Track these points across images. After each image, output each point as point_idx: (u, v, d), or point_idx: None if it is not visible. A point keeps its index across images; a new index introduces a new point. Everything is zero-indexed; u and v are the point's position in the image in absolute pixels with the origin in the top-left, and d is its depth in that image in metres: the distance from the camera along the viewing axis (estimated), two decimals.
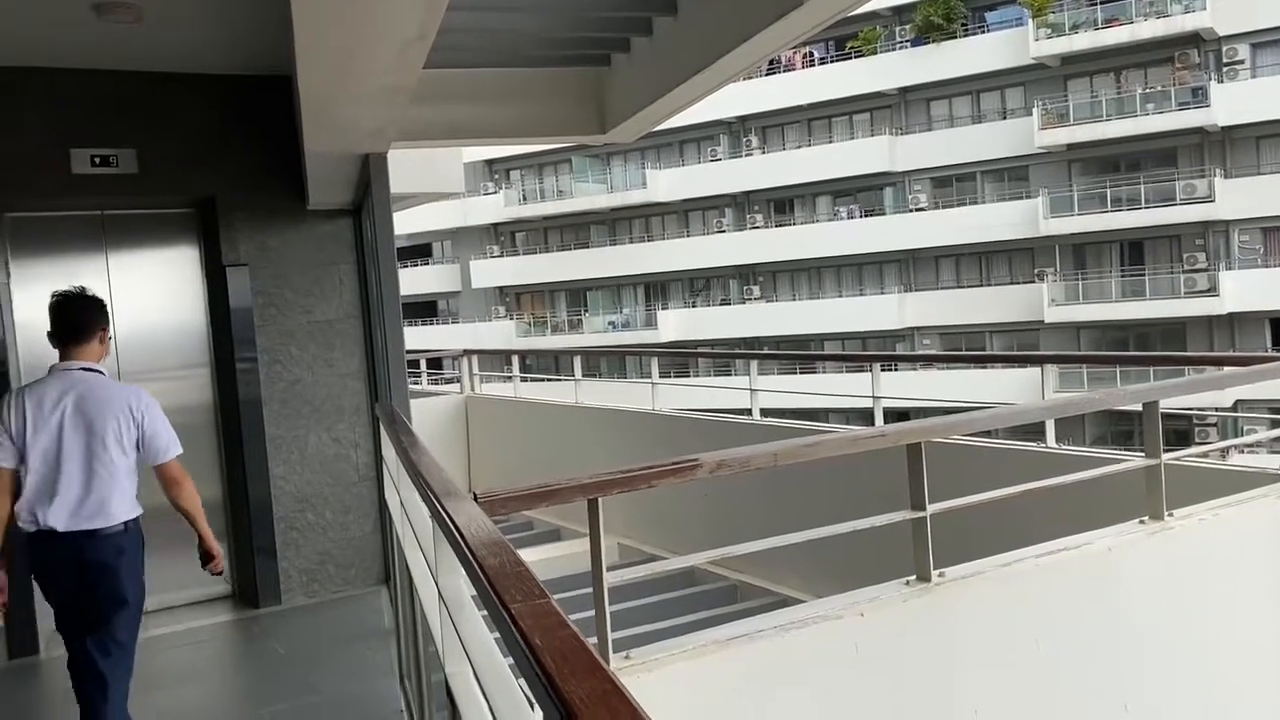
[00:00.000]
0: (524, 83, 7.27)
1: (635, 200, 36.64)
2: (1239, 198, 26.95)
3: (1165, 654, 4.05)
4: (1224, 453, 8.44)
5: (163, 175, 5.96)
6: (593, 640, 2.47)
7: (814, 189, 33.60)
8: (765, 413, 8.63)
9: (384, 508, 6.36)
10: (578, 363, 11.03)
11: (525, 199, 39.02)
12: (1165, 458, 4.15)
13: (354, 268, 6.50)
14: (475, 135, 7.61)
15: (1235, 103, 26.85)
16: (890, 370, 25.28)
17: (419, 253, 41.11)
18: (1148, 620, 4.02)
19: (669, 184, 35.94)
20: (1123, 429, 26.05)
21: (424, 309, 40.28)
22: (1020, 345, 29.82)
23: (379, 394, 6.31)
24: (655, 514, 8.45)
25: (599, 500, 2.75)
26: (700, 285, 36.70)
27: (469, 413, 11.68)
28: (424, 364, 14.73)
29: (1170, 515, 4.22)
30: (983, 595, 3.48)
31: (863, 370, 25.43)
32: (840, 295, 33.45)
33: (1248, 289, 26.81)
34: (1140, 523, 4.15)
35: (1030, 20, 29.29)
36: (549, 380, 20.73)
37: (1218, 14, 26.80)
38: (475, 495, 2.49)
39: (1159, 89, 28.02)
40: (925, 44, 31.34)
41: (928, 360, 30.83)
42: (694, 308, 36.31)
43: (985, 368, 27.06)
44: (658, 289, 37.27)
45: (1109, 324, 29.17)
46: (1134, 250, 29.24)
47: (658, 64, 6.49)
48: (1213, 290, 27.19)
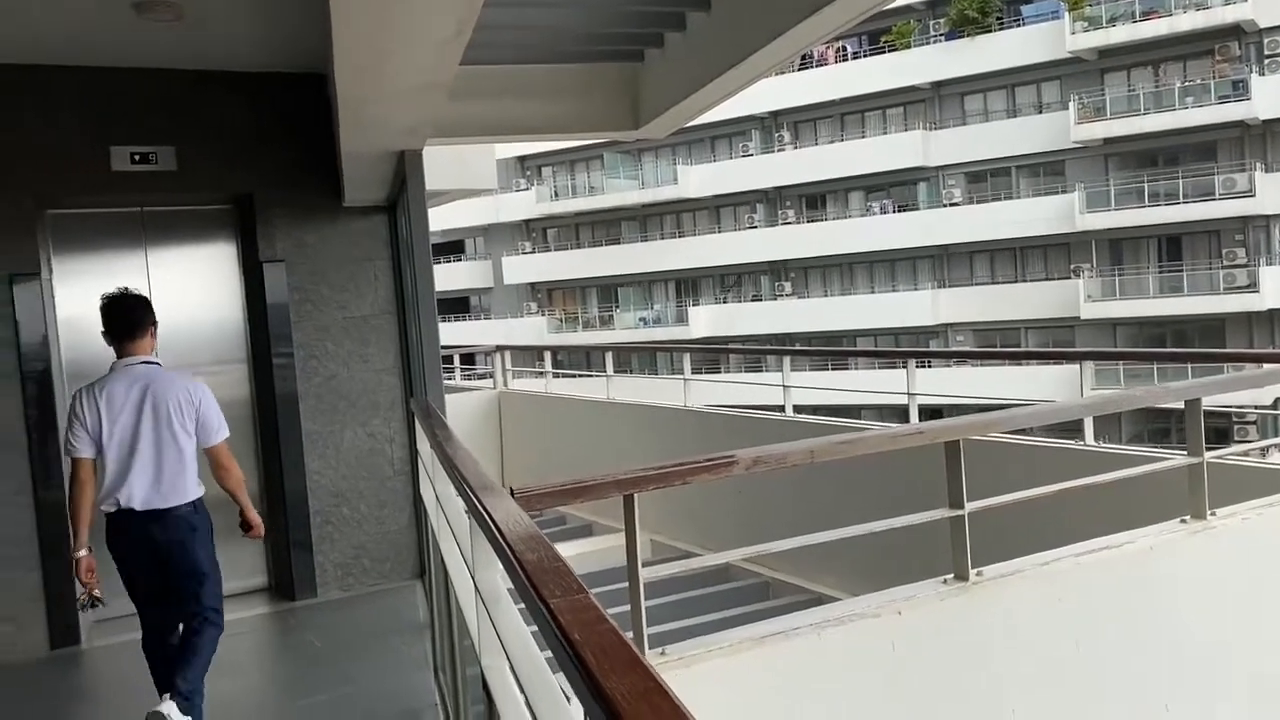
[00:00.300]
0: (557, 79, 7.26)
1: (666, 196, 36.60)
2: None
3: (1207, 655, 3.99)
4: (1263, 451, 8.31)
5: (201, 172, 6.03)
6: (628, 635, 2.47)
7: (846, 184, 33.40)
8: (798, 409, 8.60)
9: (418, 502, 6.39)
10: (610, 359, 11.04)
11: (557, 195, 39.09)
12: (1207, 456, 4.09)
13: (389, 264, 6.53)
14: (509, 132, 7.62)
15: (1277, 95, 26.39)
16: (923, 367, 25.11)
17: (452, 249, 41.31)
18: (1190, 620, 3.96)
19: (700, 180, 35.87)
20: (1159, 426, 25.72)
21: (456, 305, 40.47)
22: (1055, 342, 29.50)
23: (414, 389, 6.34)
24: (687, 510, 8.44)
25: (634, 496, 2.75)
26: (731, 281, 36.60)
27: (502, 408, 11.73)
28: (457, 360, 14.81)
29: (1212, 514, 4.16)
30: (1022, 594, 3.44)
31: (895, 366, 25.30)
32: (873, 291, 33.23)
33: None
34: (1182, 522, 4.09)
35: (1067, 13, 28.94)
36: (579, 376, 20.76)
37: (1259, 5, 26.34)
38: (512, 491, 2.49)
39: (1198, 82, 27.59)
40: (959, 38, 31.05)
41: (964, 357, 30.49)
42: (725, 304, 36.22)
43: (1020, 364, 26.82)
44: (689, 285, 37.21)
45: (1146, 320, 28.79)
46: (1172, 246, 28.84)
47: (691, 59, 6.47)
48: (1252, 286, 26.75)
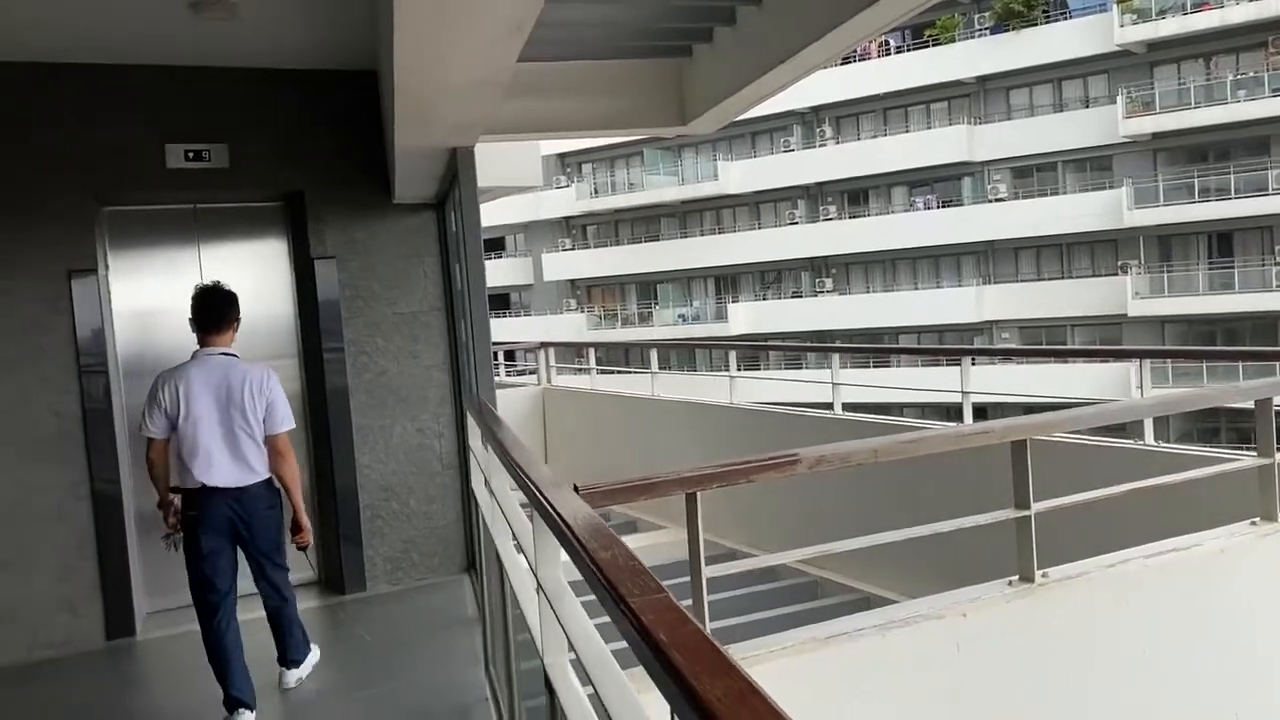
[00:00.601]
0: (606, 75, 7.25)
1: (706, 192, 36.53)
2: None
3: (1278, 660, 3.89)
4: None
5: (253, 170, 6.08)
6: None
7: (889, 179, 33.13)
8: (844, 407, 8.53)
9: (466, 497, 6.42)
10: (654, 356, 11.03)
11: (596, 192, 39.15)
12: (1279, 457, 3.99)
13: (437, 260, 6.56)
14: (558, 128, 7.62)
15: None
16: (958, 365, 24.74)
17: (492, 246, 41.53)
18: (1262, 624, 3.86)
19: (740, 175, 35.74)
20: (1208, 426, 25.28)
21: (497, 302, 40.69)
22: (1102, 340, 29.08)
23: (462, 385, 6.36)
24: (734, 509, 8.40)
25: (697, 495, 2.73)
26: (771, 278, 36.44)
27: (546, 404, 11.76)
28: (501, 356, 14.88)
29: None
30: (1088, 596, 3.38)
31: (938, 364, 25.03)
32: (916, 288, 32.92)
33: None
34: (1252, 524, 3.99)
35: (1115, 6, 28.48)
36: (622, 373, 20.79)
37: None
38: (575, 487, 2.48)
39: (1251, 75, 27.05)
40: (1005, 31, 30.67)
41: (1016, 355, 29.91)
42: (765, 300, 36.06)
43: (1066, 362, 26.45)
44: (728, 282, 37.11)
45: (1196, 318, 28.30)
46: (1222, 242, 28.33)
47: (741, 53, 6.42)
48: None
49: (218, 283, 4.60)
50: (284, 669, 4.76)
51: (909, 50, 32.83)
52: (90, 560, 5.70)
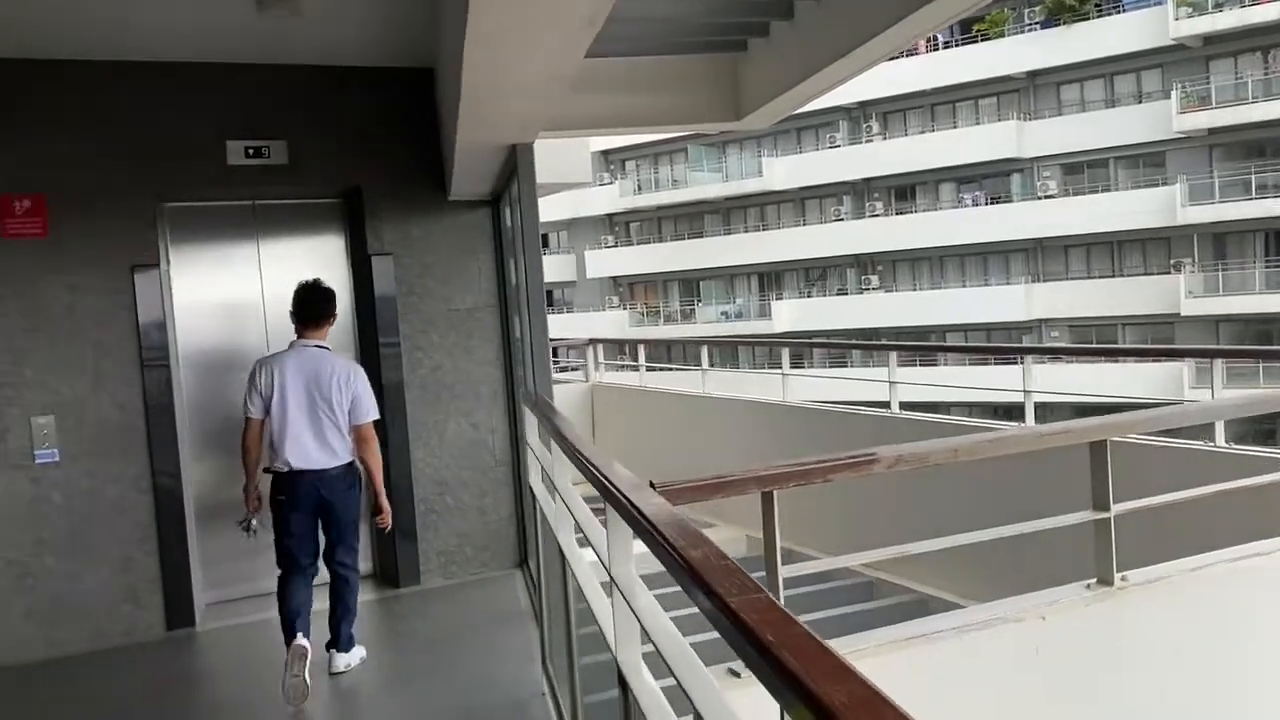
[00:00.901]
0: (662, 70, 7.22)
1: (750, 189, 36.38)
2: None
3: None
4: None
5: (311, 166, 6.12)
6: None
7: (937, 175, 32.78)
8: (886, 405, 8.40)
9: (520, 492, 6.42)
10: (704, 353, 11.00)
11: (640, 189, 39.14)
12: None
13: (491, 257, 6.57)
14: (616, 124, 7.60)
15: None
16: (1005, 364, 24.43)
17: None
18: None
19: (785, 172, 35.54)
20: (1265, 428, 24.75)
21: None
22: (1155, 339, 28.56)
23: (515, 381, 6.36)
24: (787, 508, 8.32)
25: (774, 494, 2.69)
26: (816, 275, 36.21)
27: (595, 401, 11.75)
28: None
29: None
30: (1170, 600, 3.29)
31: (986, 363, 24.72)
32: (964, 285, 32.52)
33: None
34: None
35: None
36: (667, 369, 20.76)
37: None
38: (652, 484, 2.45)
39: None
40: (1056, 25, 30.21)
41: (1076, 354, 29.27)
42: (809, 298, 35.84)
43: (1117, 362, 26.01)
44: (772, 279, 36.94)
45: (1251, 317, 27.71)
46: (1279, 240, 27.72)
47: (797, 49, 6.36)
48: None
49: (318, 280, 4.94)
50: (334, 651, 4.93)
51: (957, 45, 32.45)
52: (151, 552, 5.77)
